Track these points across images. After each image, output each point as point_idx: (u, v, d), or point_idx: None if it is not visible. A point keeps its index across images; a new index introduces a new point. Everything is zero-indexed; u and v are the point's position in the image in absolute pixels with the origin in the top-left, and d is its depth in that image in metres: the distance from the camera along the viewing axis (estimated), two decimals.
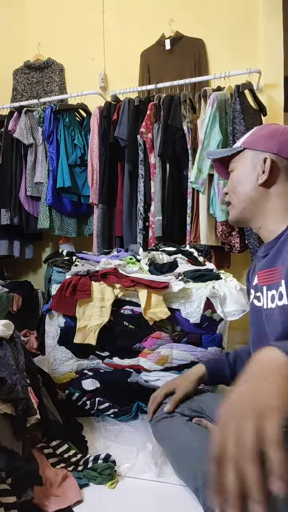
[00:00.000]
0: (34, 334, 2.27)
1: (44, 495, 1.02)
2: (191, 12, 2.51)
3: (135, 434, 1.35)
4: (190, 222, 2.14)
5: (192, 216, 2.15)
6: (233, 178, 0.98)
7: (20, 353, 1.14)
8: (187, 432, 1.03)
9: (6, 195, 2.54)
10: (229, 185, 1.00)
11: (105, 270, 1.48)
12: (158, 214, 2.14)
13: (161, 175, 2.16)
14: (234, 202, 0.98)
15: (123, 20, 2.65)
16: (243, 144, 0.96)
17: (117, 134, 2.24)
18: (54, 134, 2.40)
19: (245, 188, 0.94)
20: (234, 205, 0.99)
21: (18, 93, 2.85)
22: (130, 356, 1.47)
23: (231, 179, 0.99)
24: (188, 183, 2.14)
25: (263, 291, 0.91)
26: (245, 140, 0.96)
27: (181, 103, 2.13)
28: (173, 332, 1.44)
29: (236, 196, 0.97)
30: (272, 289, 0.86)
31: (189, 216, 2.14)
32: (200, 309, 1.39)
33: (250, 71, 2.11)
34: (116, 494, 1.07)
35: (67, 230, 2.51)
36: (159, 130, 2.17)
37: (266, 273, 0.89)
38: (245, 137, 0.97)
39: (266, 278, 0.89)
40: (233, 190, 0.98)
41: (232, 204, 0.99)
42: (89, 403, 1.44)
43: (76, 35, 2.75)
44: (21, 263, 2.89)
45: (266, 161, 0.89)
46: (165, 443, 1.09)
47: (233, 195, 0.98)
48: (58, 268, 1.60)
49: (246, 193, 0.94)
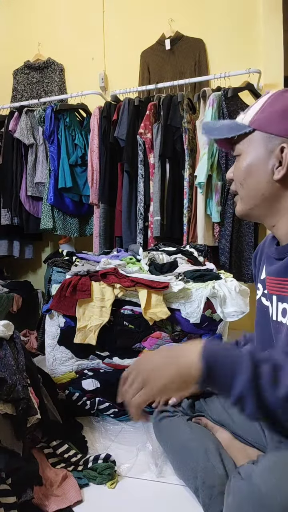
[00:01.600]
0: (34, 334, 2.27)
1: (44, 495, 1.02)
2: (191, 12, 2.51)
3: (135, 434, 1.36)
4: (187, 222, 2.14)
5: (189, 216, 2.15)
6: (241, 166, 0.81)
7: (20, 353, 1.14)
8: (187, 432, 1.03)
9: (6, 195, 2.54)
10: (236, 173, 0.83)
11: (105, 270, 1.48)
12: (156, 214, 2.14)
13: (160, 175, 2.16)
14: (242, 195, 0.83)
15: (123, 20, 2.65)
16: (252, 124, 0.78)
17: (117, 134, 2.24)
18: (55, 134, 2.40)
19: (258, 182, 0.78)
20: (242, 198, 0.83)
21: (18, 93, 2.85)
22: (130, 356, 1.47)
23: (239, 167, 0.81)
24: (185, 183, 2.14)
25: (272, 300, 0.81)
26: (254, 118, 0.78)
27: (179, 103, 2.13)
28: (173, 332, 1.44)
29: (245, 189, 0.81)
30: (284, 302, 0.77)
31: (185, 216, 2.14)
32: (200, 309, 1.39)
33: (250, 71, 2.11)
34: (116, 494, 1.07)
35: (69, 229, 2.51)
36: (158, 130, 2.17)
37: (279, 281, 0.79)
38: (253, 112, 0.78)
39: (278, 287, 0.80)
40: (242, 182, 0.81)
41: (240, 196, 0.83)
42: (89, 403, 1.44)
43: (76, 35, 2.75)
44: (21, 263, 2.89)
45: (284, 150, 0.73)
46: (166, 443, 1.09)
47: (242, 187, 0.82)
48: (58, 268, 1.61)
49: (258, 188, 0.79)
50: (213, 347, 0.65)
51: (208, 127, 0.87)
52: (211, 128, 0.86)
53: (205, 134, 0.87)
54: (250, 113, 0.79)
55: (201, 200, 2.08)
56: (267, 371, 0.60)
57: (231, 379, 0.60)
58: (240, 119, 0.82)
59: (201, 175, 2.02)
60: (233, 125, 0.81)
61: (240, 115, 0.83)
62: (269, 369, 0.60)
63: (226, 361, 0.62)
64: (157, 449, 1.18)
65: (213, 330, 1.43)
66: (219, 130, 0.83)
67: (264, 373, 0.60)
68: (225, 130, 0.82)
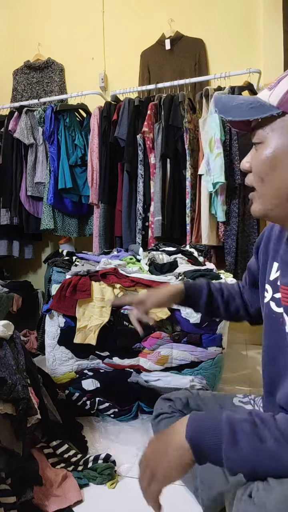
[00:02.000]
0: (34, 334, 2.27)
1: (44, 495, 1.02)
2: (191, 12, 2.51)
3: (135, 434, 1.36)
4: (189, 222, 2.14)
5: (193, 216, 2.15)
6: (262, 157, 0.67)
7: (20, 353, 1.14)
8: None
9: (6, 195, 2.54)
10: (255, 164, 0.69)
11: (105, 270, 1.48)
12: (157, 214, 2.14)
13: (161, 175, 2.16)
14: (262, 193, 0.69)
15: (123, 20, 2.65)
16: (281, 106, 0.63)
17: (117, 134, 2.24)
18: (55, 134, 2.40)
19: (283, 178, 0.65)
20: (261, 196, 0.70)
21: (18, 93, 2.85)
22: (130, 356, 1.47)
23: (260, 158, 0.67)
24: (187, 183, 2.14)
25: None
26: (285, 98, 0.62)
27: (180, 103, 2.13)
28: (173, 332, 1.44)
29: (266, 185, 0.68)
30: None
31: (188, 216, 2.14)
32: None
33: (250, 71, 2.11)
34: (116, 494, 1.07)
35: (68, 230, 2.51)
36: (159, 130, 2.17)
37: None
38: (282, 89, 0.63)
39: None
40: (263, 176, 0.68)
41: (259, 193, 0.70)
42: (89, 403, 1.44)
43: (76, 35, 2.75)
44: (21, 263, 2.89)
45: None
46: None
47: (262, 183, 0.68)
48: (58, 268, 1.61)
49: (283, 186, 0.66)
50: (194, 424, 0.64)
51: (222, 105, 0.70)
52: (226, 106, 0.69)
53: (220, 113, 0.70)
54: (278, 91, 0.64)
55: (206, 199, 2.07)
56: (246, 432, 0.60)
57: (218, 453, 0.60)
58: (264, 96, 0.66)
59: (219, 176, 1.95)
60: (255, 104, 0.66)
61: (264, 91, 0.67)
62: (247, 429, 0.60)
63: (208, 436, 0.62)
64: None
65: (213, 330, 1.43)
66: (237, 110, 0.67)
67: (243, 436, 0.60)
68: (245, 110, 0.66)
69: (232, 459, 0.59)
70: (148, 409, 1.41)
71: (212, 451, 0.61)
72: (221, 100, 0.71)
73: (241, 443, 0.59)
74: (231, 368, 1.93)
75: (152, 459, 0.67)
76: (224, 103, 0.70)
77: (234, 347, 2.24)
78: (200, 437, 0.62)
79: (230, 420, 0.61)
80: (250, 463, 0.58)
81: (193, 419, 0.65)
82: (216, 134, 1.98)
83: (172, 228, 2.17)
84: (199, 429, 0.63)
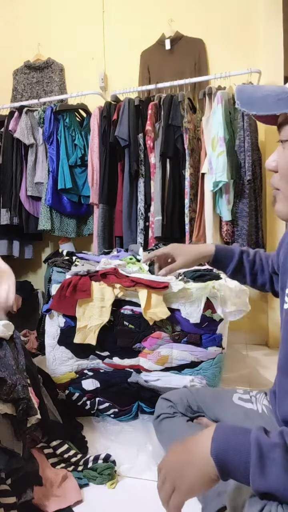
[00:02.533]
0: (34, 334, 2.27)
1: (44, 495, 1.02)
2: (191, 12, 2.51)
3: (135, 434, 1.36)
4: (188, 222, 2.14)
5: (193, 216, 2.15)
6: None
7: (20, 353, 1.14)
8: (187, 433, 1.02)
9: (6, 195, 2.54)
10: (282, 164, 0.66)
11: (105, 270, 1.48)
12: (157, 214, 2.14)
13: (160, 175, 2.16)
14: (286, 194, 0.66)
15: (123, 20, 2.65)
16: None
17: (118, 134, 2.24)
18: (54, 135, 2.40)
19: None
20: (286, 197, 0.67)
21: (18, 93, 2.85)
22: (130, 356, 1.47)
23: (285, 157, 0.64)
24: (186, 183, 2.14)
25: None
26: None
27: (179, 103, 2.13)
28: (173, 332, 1.44)
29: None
30: None
31: (187, 216, 2.14)
32: (200, 309, 1.39)
33: (250, 71, 2.11)
34: (116, 494, 1.07)
35: (66, 230, 2.51)
36: (159, 129, 2.17)
37: None
38: None
39: None
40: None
41: (284, 194, 0.67)
42: (89, 403, 1.44)
43: (76, 35, 2.75)
44: (21, 263, 2.88)
45: None
46: (166, 443, 1.09)
47: (287, 183, 0.66)
48: (58, 268, 1.61)
49: None
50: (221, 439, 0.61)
51: (246, 98, 0.64)
52: (251, 98, 0.63)
53: (243, 106, 0.63)
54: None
55: (210, 199, 2.07)
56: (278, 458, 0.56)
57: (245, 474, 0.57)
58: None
59: (221, 174, 1.94)
60: (283, 96, 0.60)
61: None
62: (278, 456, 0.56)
63: (234, 456, 0.58)
64: (157, 449, 1.18)
65: (213, 330, 1.43)
66: (263, 103, 0.61)
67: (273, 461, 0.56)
68: (272, 102, 0.60)
69: (258, 484, 0.56)
70: (148, 409, 1.41)
71: (238, 471, 0.58)
72: (245, 91, 0.64)
73: (269, 469, 0.56)
74: (231, 368, 1.93)
75: (174, 470, 0.63)
76: (248, 95, 0.63)
77: (234, 347, 2.24)
78: (226, 455, 0.59)
79: (259, 442, 0.58)
80: (277, 491, 0.56)
81: (219, 433, 0.62)
82: (219, 132, 1.97)
83: (172, 228, 2.17)
84: (225, 447, 0.59)
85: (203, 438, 0.63)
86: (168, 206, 2.16)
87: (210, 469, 0.59)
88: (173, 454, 0.67)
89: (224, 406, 1.02)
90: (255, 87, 0.66)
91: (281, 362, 0.83)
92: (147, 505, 1.02)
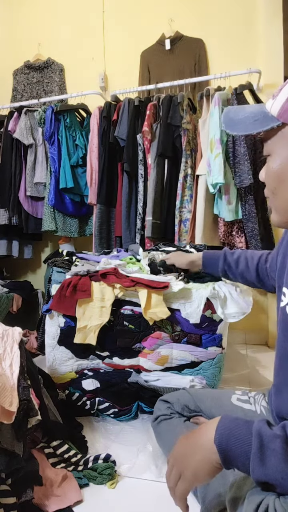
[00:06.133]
0: (34, 334, 2.27)
1: (44, 495, 1.02)
2: (191, 12, 2.51)
3: (135, 434, 1.36)
4: (177, 224, 2.14)
5: (186, 217, 2.14)
6: (271, 169, 0.67)
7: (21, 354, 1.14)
8: (184, 433, 1.03)
9: (4, 195, 2.54)
10: (267, 178, 0.70)
11: (105, 270, 1.48)
12: (149, 214, 2.14)
13: (155, 175, 2.16)
14: (275, 206, 0.70)
15: (123, 20, 2.65)
16: (281, 117, 0.62)
17: (117, 134, 2.24)
18: (55, 135, 2.40)
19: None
20: (276, 209, 0.70)
21: (18, 93, 2.85)
22: (130, 356, 1.47)
23: (269, 171, 0.68)
24: (179, 185, 2.13)
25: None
26: (283, 108, 0.61)
27: (179, 103, 2.13)
28: (173, 332, 1.44)
29: (278, 199, 0.68)
30: None
31: (177, 218, 2.13)
32: (200, 310, 1.39)
33: (250, 71, 2.11)
34: (116, 494, 1.07)
35: (69, 230, 2.51)
36: (157, 129, 2.17)
37: None
38: (282, 98, 0.62)
39: None
40: (273, 190, 0.69)
41: (274, 206, 0.71)
42: (89, 403, 1.44)
43: (76, 35, 2.75)
44: (20, 263, 2.89)
45: None
46: (164, 444, 1.09)
47: (274, 196, 0.69)
48: (58, 268, 1.60)
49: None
50: (224, 428, 0.63)
51: (228, 119, 0.70)
52: (232, 121, 0.69)
53: (226, 128, 0.70)
54: (279, 101, 0.62)
55: (202, 200, 2.06)
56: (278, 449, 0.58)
57: (245, 463, 0.60)
58: (268, 105, 0.65)
59: (217, 176, 1.94)
60: (258, 116, 0.65)
61: (269, 101, 0.66)
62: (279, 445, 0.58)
63: (236, 445, 0.61)
64: (157, 450, 1.18)
65: (213, 330, 1.43)
66: (242, 124, 0.67)
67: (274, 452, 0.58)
68: (249, 124, 0.66)
69: (258, 473, 0.58)
70: (148, 409, 1.41)
71: (239, 460, 0.60)
72: (229, 114, 0.71)
73: (268, 459, 0.58)
74: (231, 368, 1.93)
75: (180, 458, 0.67)
76: (230, 118, 0.70)
77: (234, 347, 2.24)
78: (228, 443, 0.61)
79: (260, 433, 0.60)
80: (276, 481, 0.58)
81: (223, 422, 0.64)
82: (216, 134, 1.97)
83: (166, 228, 2.17)
84: (228, 436, 0.62)
85: (208, 427, 0.66)
86: (163, 206, 2.16)
87: (213, 457, 0.62)
88: (180, 444, 0.71)
89: (223, 407, 1.02)
90: (239, 109, 0.71)
91: (277, 360, 0.85)
92: (147, 505, 1.03)
